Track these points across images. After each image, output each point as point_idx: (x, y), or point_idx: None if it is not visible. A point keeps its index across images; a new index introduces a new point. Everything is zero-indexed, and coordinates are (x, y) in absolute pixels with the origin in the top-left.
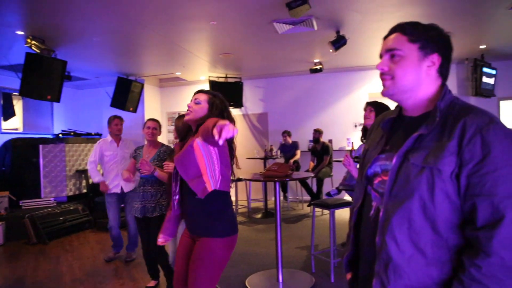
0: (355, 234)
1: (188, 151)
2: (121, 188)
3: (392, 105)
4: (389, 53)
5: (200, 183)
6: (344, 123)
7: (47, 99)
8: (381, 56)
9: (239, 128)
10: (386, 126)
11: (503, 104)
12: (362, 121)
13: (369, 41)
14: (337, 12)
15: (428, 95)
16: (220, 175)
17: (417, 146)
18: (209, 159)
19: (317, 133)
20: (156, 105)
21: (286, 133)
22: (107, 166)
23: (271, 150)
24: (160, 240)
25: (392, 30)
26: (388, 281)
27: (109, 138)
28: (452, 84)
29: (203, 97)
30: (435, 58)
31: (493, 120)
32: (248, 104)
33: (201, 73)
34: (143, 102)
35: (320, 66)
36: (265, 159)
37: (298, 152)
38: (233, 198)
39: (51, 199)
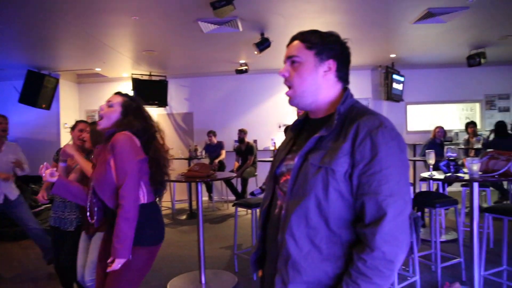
0: (264, 232)
1: (106, 170)
2: (5, 197)
3: None
4: (289, 59)
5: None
6: (268, 124)
7: None
8: (285, 63)
9: (163, 128)
10: (295, 128)
11: (410, 108)
12: (286, 122)
13: None
14: (261, 15)
15: (329, 99)
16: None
17: (317, 147)
18: None
19: (242, 133)
20: (73, 103)
21: (211, 133)
22: None
23: (196, 150)
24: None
25: (293, 38)
26: (287, 277)
27: None
28: (367, 88)
29: (117, 99)
30: (331, 64)
31: (383, 124)
32: (173, 103)
33: (123, 70)
34: (58, 98)
35: (246, 67)
36: (189, 159)
37: (223, 152)
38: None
39: None
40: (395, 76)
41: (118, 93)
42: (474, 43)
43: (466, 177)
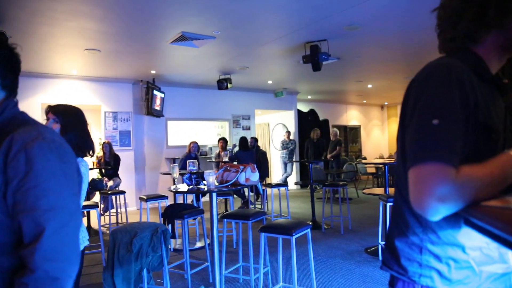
0: None
1: None
2: None
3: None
4: None
5: None
6: None
7: None
8: None
9: None
10: None
11: (170, 123)
12: None
13: (42, 46)
14: None
15: None
16: None
17: None
18: None
19: None
20: None
21: None
22: None
23: None
24: None
25: None
26: None
27: None
28: (128, 102)
29: None
30: None
31: (40, 136)
32: None
33: None
34: None
35: None
36: None
37: None
38: None
39: None
40: (155, 92)
41: None
42: (222, 69)
43: (206, 188)
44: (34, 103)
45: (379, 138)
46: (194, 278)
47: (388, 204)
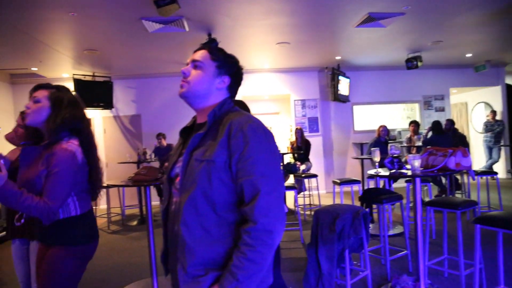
0: (165, 231)
1: (36, 183)
2: None
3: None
4: (194, 63)
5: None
6: None
7: None
8: (188, 64)
9: (110, 131)
10: (184, 133)
11: (356, 108)
12: None
13: (241, 47)
14: (208, 15)
15: (214, 105)
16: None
17: (200, 145)
18: None
19: None
20: (6, 104)
21: (161, 136)
22: None
23: (145, 153)
24: None
25: (202, 47)
26: (185, 262)
27: None
28: (315, 89)
29: (42, 94)
30: (227, 79)
31: (251, 119)
32: (119, 105)
33: (63, 69)
34: None
35: None
36: (138, 163)
37: None
38: (104, 206)
39: None
40: (341, 78)
41: (41, 86)
42: (411, 47)
43: (409, 173)
44: (238, 96)
45: None
46: (392, 265)
47: None
